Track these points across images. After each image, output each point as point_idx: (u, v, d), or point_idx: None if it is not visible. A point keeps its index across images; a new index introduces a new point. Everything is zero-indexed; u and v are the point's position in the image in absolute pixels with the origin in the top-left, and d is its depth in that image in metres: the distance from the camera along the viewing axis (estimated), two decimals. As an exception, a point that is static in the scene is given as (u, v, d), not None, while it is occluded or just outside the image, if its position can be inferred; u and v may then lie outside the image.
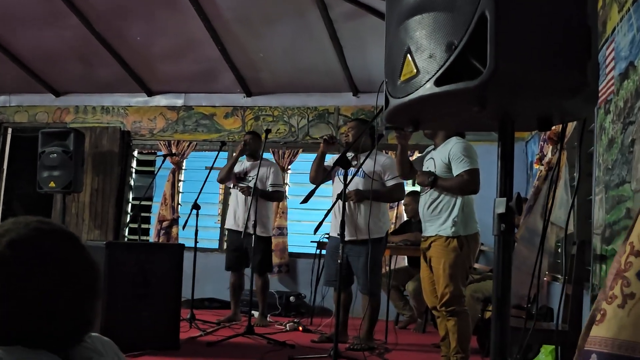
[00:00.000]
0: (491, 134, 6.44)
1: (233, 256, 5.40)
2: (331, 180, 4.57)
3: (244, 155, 5.48)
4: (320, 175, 4.42)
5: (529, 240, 4.39)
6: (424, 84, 1.17)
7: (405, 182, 5.49)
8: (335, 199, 4.30)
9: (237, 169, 5.51)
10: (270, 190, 5.34)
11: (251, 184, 5.26)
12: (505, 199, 1.27)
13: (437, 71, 1.14)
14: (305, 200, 3.29)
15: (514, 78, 1.13)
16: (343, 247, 3.24)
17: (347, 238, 4.12)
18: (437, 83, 1.15)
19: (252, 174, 5.33)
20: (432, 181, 3.56)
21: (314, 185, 4.19)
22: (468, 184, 3.47)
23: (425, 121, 1.37)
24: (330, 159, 4.74)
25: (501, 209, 1.27)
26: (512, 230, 1.30)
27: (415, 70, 1.19)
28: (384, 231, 4.36)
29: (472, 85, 1.11)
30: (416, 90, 1.19)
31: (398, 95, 1.26)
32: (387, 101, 1.34)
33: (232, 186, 5.55)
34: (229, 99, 7.32)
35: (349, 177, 4.31)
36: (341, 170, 4.36)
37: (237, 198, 5.39)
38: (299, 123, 7.10)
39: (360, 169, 4.30)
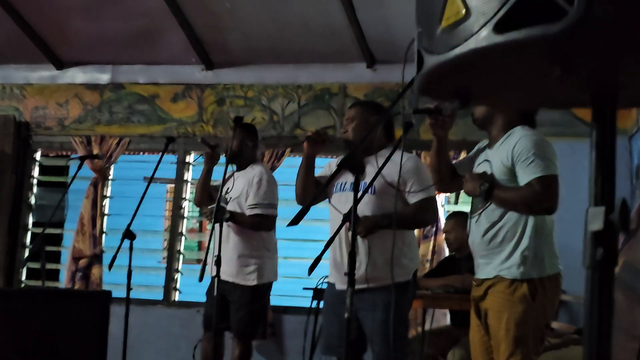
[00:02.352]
0: (575, 125, 6.45)
1: (210, 308, 5.29)
2: (327, 198, 4.52)
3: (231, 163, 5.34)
4: (311, 190, 4.36)
5: (629, 283, 4.36)
6: (478, 30, 1.15)
7: (437, 196, 5.42)
8: (336, 226, 4.23)
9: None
10: (248, 213, 5.29)
11: (231, 206, 5.26)
12: (603, 208, 1.24)
13: (498, 11, 1.12)
14: (295, 222, 3.26)
15: (617, 23, 1.11)
16: (352, 295, 3.20)
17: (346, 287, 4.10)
18: (498, 29, 1.12)
19: (232, 191, 5.37)
20: (487, 190, 3.50)
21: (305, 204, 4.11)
22: (540, 198, 3.45)
23: (480, 91, 1.34)
24: (327, 164, 4.71)
25: (597, 225, 1.24)
26: (614, 259, 1.27)
27: (463, 11, 1.17)
28: (410, 271, 4.30)
29: (551, 32, 1.08)
30: (466, 40, 1.17)
31: (438, 49, 1.24)
32: (420, 60, 1.31)
33: None
34: (179, 74, 7.35)
35: (347, 193, 4.23)
36: (343, 183, 4.35)
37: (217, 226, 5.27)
38: (285, 109, 7.11)
39: (364, 181, 4.17)
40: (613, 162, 1.29)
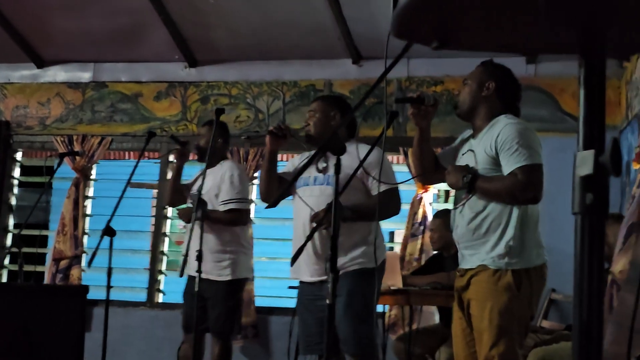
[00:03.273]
0: (564, 121, 6.40)
1: (189, 309, 5.34)
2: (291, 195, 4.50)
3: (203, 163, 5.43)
4: (275, 185, 4.37)
5: (632, 278, 4.31)
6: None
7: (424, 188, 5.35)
8: (302, 220, 4.26)
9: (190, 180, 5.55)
10: (221, 208, 5.27)
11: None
12: (592, 151, 1.16)
13: None
14: (274, 204, 3.22)
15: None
16: (335, 282, 3.11)
17: (316, 278, 4.18)
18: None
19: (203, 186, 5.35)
20: (470, 181, 3.47)
21: (275, 202, 4.18)
22: (524, 188, 3.42)
23: (459, 30, 1.26)
24: (290, 161, 4.67)
25: (587, 169, 1.16)
26: (605, 207, 1.19)
27: None
28: (378, 258, 4.25)
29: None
30: (442, -35, 1.09)
31: (413, -19, 1.16)
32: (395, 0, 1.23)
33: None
34: (163, 71, 7.32)
35: (311, 187, 4.30)
36: (307, 177, 4.33)
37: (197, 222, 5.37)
38: (270, 106, 7.08)
39: (328, 175, 4.24)
40: (603, 102, 1.21)
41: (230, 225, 5.29)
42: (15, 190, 7.65)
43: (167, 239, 7.29)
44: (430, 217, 6.43)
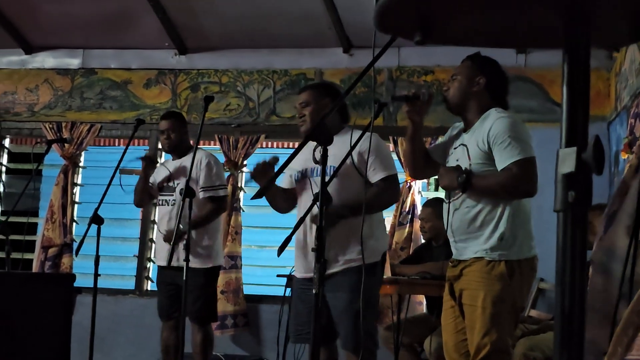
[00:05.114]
0: (554, 112, 6.38)
1: (165, 298, 5.50)
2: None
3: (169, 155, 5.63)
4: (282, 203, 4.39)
5: (606, 266, 4.33)
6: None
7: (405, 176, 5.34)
8: (302, 217, 4.13)
9: (158, 176, 5.60)
10: (201, 195, 5.32)
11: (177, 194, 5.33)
12: (574, 149, 1.14)
13: None
14: (258, 195, 3.20)
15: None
16: (322, 273, 3.07)
17: (310, 274, 4.02)
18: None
19: (178, 178, 5.43)
20: (464, 182, 3.48)
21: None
22: (519, 182, 3.44)
23: (443, 21, 1.24)
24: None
25: (569, 166, 1.14)
26: (587, 202, 1.17)
27: None
28: (378, 253, 4.19)
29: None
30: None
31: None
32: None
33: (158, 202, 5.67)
34: (153, 59, 7.29)
35: (313, 179, 4.20)
36: (312, 170, 4.22)
37: (164, 215, 5.48)
38: (260, 95, 7.05)
39: (328, 165, 4.11)
40: (587, 97, 1.19)
41: (215, 213, 5.38)
42: (4, 177, 7.63)
43: (156, 227, 7.26)
44: (419, 206, 6.42)
